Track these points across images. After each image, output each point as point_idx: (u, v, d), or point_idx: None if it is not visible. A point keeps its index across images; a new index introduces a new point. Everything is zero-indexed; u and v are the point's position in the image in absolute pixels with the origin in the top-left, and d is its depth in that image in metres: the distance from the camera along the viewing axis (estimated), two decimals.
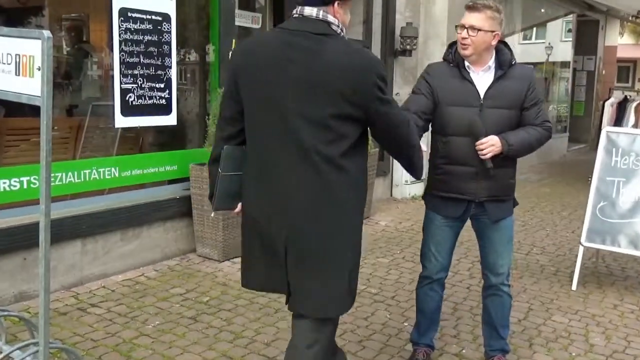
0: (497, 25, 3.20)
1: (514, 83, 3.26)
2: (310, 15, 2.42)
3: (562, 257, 6.00)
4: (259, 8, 7.26)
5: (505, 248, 3.40)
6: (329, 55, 2.36)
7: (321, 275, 2.45)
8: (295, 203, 2.42)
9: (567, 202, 8.77)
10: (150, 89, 4.96)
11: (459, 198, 3.31)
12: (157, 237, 5.18)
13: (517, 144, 3.21)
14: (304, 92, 2.37)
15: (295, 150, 2.39)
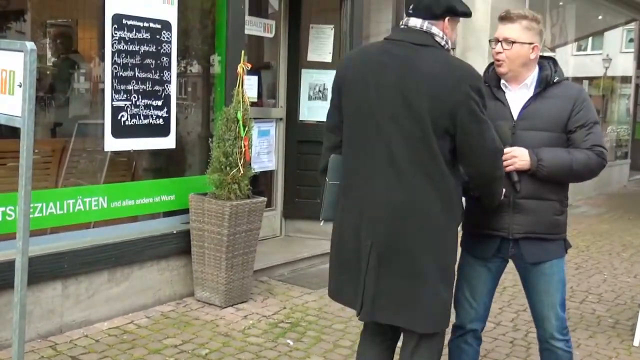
0: (536, 37, 3.23)
1: (555, 103, 3.25)
2: (414, 26, 2.87)
3: (622, 307, 5.93)
4: (273, 14, 7.33)
5: (552, 297, 3.35)
6: (423, 63, 2.79)
7: (405, 285, 2.86)
8: (379, 213, 2.86)
9: (628, 242, 8.68)
10: (145, 106, 5.01)
11: (491, 234, 3.31)
12: (149, 278, 5.18)
13: (550, 161, 3.18)
14: (396, 101, 2.80)
15: (385, 160, 2.83)
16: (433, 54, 2.83)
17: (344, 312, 5.34)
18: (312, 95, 7.21)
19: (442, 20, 2.89)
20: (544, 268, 3.32)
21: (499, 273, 3.45)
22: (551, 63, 3.34)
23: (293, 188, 7.30)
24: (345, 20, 6.98)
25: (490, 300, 3.48)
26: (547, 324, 3.38)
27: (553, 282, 3.34)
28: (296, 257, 6.57)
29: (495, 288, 3.48)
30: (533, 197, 3.23)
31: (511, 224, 3.25)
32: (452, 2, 2.92)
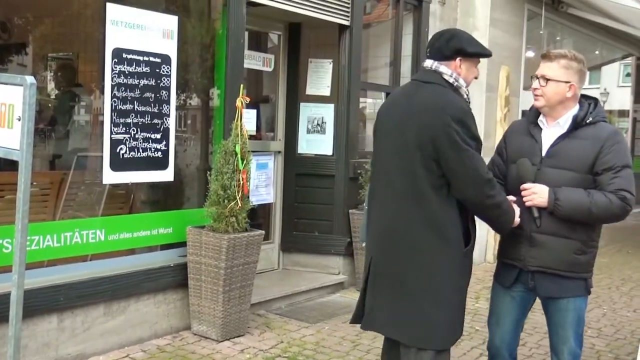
0: (574, 76, 3.33)
1: (583, 143, 3.29)
2: (426, 66, 3.28)
3: (622, 342, 5.88)
4: (272, 48, 7.40)
5: (566, 332, 3.41)
6: (419, 98, 3.18)
7: (394, 301, 3.23)
8: (379, 235, 3.31)
9: (627, 275, 8.64)
10: (144, 139, 5.03)
11: (511, 264, 3.44)
12: (146, 312, 5.15)
13: (567, 201, 3.23)
14: (395, 132, 3.21)
15: (384, 187, 3.27)
16: (432, 90, 3.19)
17: (341, 346, 5.31)
18: (311, 129, 7.24)
19: (453, 60, 3.23)
20: (561, 303, 3.38)
21: (525, 303, 3.54)
22: (592, 103, 3.40)
23: (291, 221, 7.30)
24: (343, 54, 7.04)
25: (517, 329, 3.58)
26: (560, 356, 3.46)
27: (569, 318, 3.39)
28: (294, 290, 6.54)
29: (523, 318, 3.60)
30: (551, 234, 3.30)
31: (526, 256, 3.36)
32: (462, 44, 3.24)
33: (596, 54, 13.70)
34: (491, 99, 8.77)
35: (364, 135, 7.92)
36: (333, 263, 7.15)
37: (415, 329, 3.21)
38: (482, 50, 3.32)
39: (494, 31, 8.79)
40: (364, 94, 7.77)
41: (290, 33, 7.27)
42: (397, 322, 3.26)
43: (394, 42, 7.91)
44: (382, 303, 3.30)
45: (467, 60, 3.26)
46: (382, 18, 8.45)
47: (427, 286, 3.18)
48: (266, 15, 6.77)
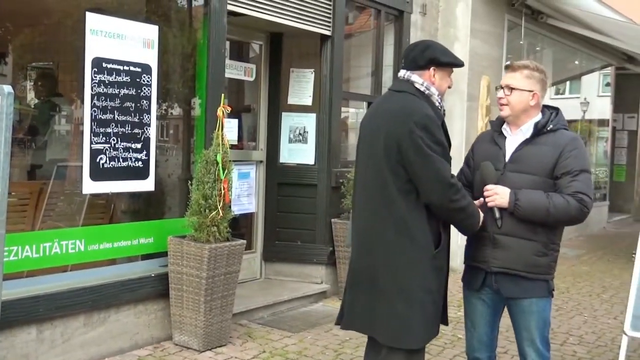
0: (536, 85, 3.49)
1: (544, 149, 3.44)
2: (400, 76, 3.42)
3: (602, 349, 5.90)
4: (253, 58, 7.39)
5: (531, 334, 3.50)
6: (389, 105, 3.34)
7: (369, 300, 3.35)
8: (357, 238, 3.45)
9: (608, 283, 8.69)
10: (125, 149, 5.00)
11: (476, 267, 3.53)
12: (126, 322, 5.11)
13: (526, 203, 3.35)
14: (370, 141, 3.35)
15: (360, 191, 3.44)
16: (401, 98, 3.33)
17: (324, 355, 5.29)
18: (293, 138, 7.24)
19: (427, 70, 3.34)
20: (524, 305, 3.48)
21: (497, 305, 3.60)
22: (553, 112, 3.55)
23: (273, 230, 7.28)
24: (325, 64, 7.05)
25: (493, 331, 3.66)
26: (527, 356, 3.53)
27: (533, 320, 3.48)
28: (276, 300, 6.51)
29: (497, 319, 3.66)
30: (513, 235, 3.41)
31: (490, 257, 3.46)
32: (435, 54, 3.36)
33: (576, 64, 13.83)
34: (472, 108, 8.80)
35: (346, 144, 7.93)
36: (315, 272, 7.13)
37: (387, 328, 3.30)
38: (455, 60, 3.45)
39: (474, 41, 8.85)
40: (345, 103, 7.78)
41: (271, 43, 7.28)
42: (372, 321, 3.35)
43: (376, 52, 7.94)
44: (359, 303, 3.40)
45: (441, 70, 3.37)
46: (364, 28, 8.48)
47: (398, 287, 3.26)
48: (247, 25, 6.77)
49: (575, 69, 14.23)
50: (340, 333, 5.64)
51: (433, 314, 3.35)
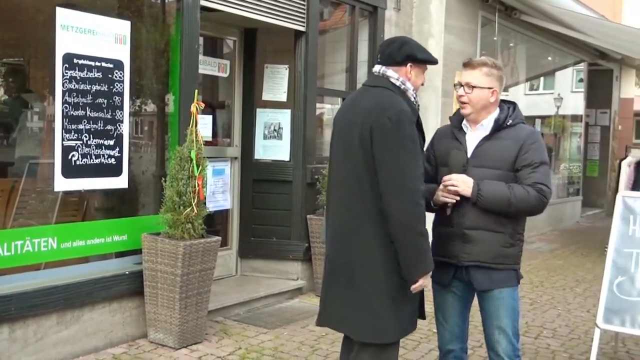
0: (495, 82, 3.52)
1: (504, 143, 3.51)
2: (375, 71, 3.42)
3: (576, 341, 5.97)
4: (227, 54, 7.36)
5: (502, 322, 3.54)
6: (364, 100, 3.33)
7: (344, 296, 3.34)
8: (332, 234, 3.43)
9: (581, 276, 8.77)
10: (97, 146, 4.96)
11: (446, 262, 3.55)
12: (101, 320, 5.07)
13: (489, 194, 3.41)
14: (342, 134, 3.37)
15: (334, 186, 3.44)
16: (376, 93, 3.32)
17: (300, 351, 5.29)
18: (267, 134, 7.22)
19: (404, 66, 3.35)
20: (494, 294, 3.53)
21: (466, 296, 3.66)
22: (511, 107, 3.61)
23: (249, 227, 7.26)
24: (299, 60, 7.04)
25: (464, 322, 3.70)
26: (498, 347, 3.56)
27: (503, 308, 3.53)
28: (252, 296, 6.49)
29: (467, 311, 3.70)
30: (479, 228, 3.47)
31: (460, 252, 3.50)
32: (413, 51, 3.38)
33: (549, 60, 13.93)
34: (447, 104, 8.85)
35: (321, 140, 7.92)
36: (291, 268, 7.13)
37: (360, 323, 3.30)
38: (431, 58, 3.48)
39: (448, 37, 8.88)
40: (320, 99, 7.76)
41: (245, 39, 7.25)
42: (345, 317, 3.35)
43: (350, 48, 7.93)
44: (333, 299, 3.41)
45: (417, 67, 3.39)
46: (338, 24, 8.48)
47: (373, 283, 3.26)
48: (221, 21, 6.74)
49: (549, 65, 14.33)
50: (316, 329, 5.64)
51: (408, 310, 3.35)
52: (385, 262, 3.24)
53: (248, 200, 7.25)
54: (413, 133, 3.22)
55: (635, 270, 5.04)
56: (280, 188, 7.10)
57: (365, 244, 3.26)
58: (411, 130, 3.21)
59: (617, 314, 5.00)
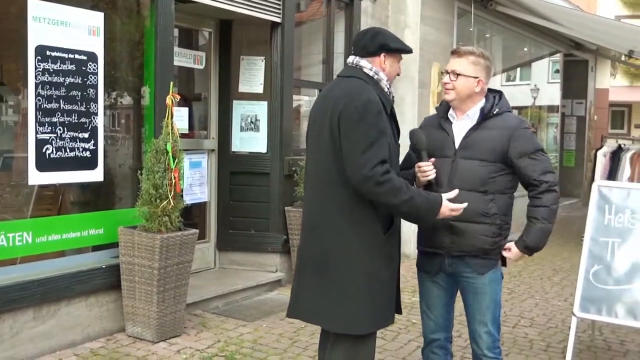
0: (481, 72, 3.52)
1: (493, 133, 3.48)
2: (349, 62, 3.43)
3: (553, 330, 6.02)
4: (203, 46, 7.32)
5: (483, 315, 3.56)
6: (336, 90, 3.33)
7: (317, 287, 3.33)
8: (305, 225, 3.45)
9: (558, 266, 8.85)
10: (72, 139, 4.92)
11: (433, 252, 3.56)
12: (78, 315, 5.04)
13: (537, 243, 3.52)
14: (317, 127, 3.34)
15: (308, 175, 3.46)
16: (348, 83, 3.33)
17: (279, 343, 5.29)
18: (244, 127, 7.20)
19: (377, 56, 3.36)
20: (477, 287, 3.54)
21: (451, 287, 3.67)
22: (497, 96, 3.59)
23: (227, 219, 7.24)
24: (276, 52, 7.02)
25: (449, 312, 3.72)
26: (478, 339, 3.59)
27: (485, 301, 3.55)
28: (230, 289, 6.48)
29: (452, 301, 3.71)
30: (467, 220, 3.44)
31: (448, 243, 3.49)
32: (386, 41, 3.38)
33: (525, 51, 14.01)
34: (423, 95, 8.88)
35: (299, 132, 7.91)
36: (270, 261, 7.12)
37: (333, 314, 3.30)
38: (404, 47, 3.48)
39: (424, 28, 8.90)
40: (297, 91, 7.76)
41: (221, 30, 7.21)
42: (318, 308, 3.35)
43: (326, 40, 7.93)
44: (306, 290, 3.40)
45: (391, 56, 3.40)
46: (315, 16, 8.47)
47: (346, 274, 3.26)
48: (196, 12, 6.70)
49: (525, 56, 14.41)
50: (295, 321, 5.61)
51: (383, 300, 3.35)
52: (358, 253, 3.25)
53: (226, 193, 7.23)
54: (380, 123, 3.19)
55: (611, 259, 5.09)
56: (258, 180, 7.09)
57: (338, 235, 3.26)
58: (378, 119, 3.18)
59: (594, 302, 5.05)
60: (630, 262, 5.03)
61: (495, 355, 3.57)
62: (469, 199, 3.40)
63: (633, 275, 4.99)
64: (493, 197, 3.45)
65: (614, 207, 5.18)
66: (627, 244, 5.07)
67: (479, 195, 3.44)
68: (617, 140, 11.04)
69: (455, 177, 3.46)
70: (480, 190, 3.44)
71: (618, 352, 5.49)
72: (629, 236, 5.08)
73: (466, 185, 3.43)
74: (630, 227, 5.10)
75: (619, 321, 5.02)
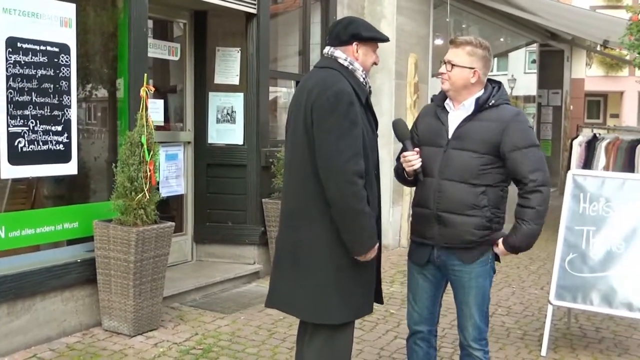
0: (478, 62, 3.47)
1: (486, 125, 3.43)
2: (325, 53, 3.43)
3: (530, 318, 6.07)
4: (178, 37, 7.27)
5: (470, 309, 3.56)
6: (310, 81, 3.32)
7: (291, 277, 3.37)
8: (282, 216, 3.47)
9: (535, 255, 8.91)
10: (44, 132, 4.86)
11: (422, 243, 3.56)
12: (53, 310, 4.99)
13: (524, 244, 3.46)
14: (292, 118, 3.35)
15: (289, 164, 3.41)
16: (322, 74, 3.33)
17: (257, 335, 5.29)
18: (220, 118, 7.16)
19: (350, 45, 3.34)
20: (464, 280, 3.54)
21: (439, 281, 3.65)
22: (495, 87, 3.54)
23: (204, 212, 7.21)
24: (251, 43, 6.98)
25: (434, 306, 3.69)
26: (465, 332, 3.59)
27: (472, 294, 3.54)
28: (208, 281, 6.46)
29: (439, 295, 3.70)
30: (454, 212, 3.42)
31: (437, 234, 3.48)
32: (358, 29, 3.35)
33: (501, 41, 14.07)
34: (400, 86, 8.88)
35: (275, 124, 7.90)
36: (248, 253, 7.11)
37: (306, 304, 3.32)
38: (378, 35, 3.44)
39: (401, 19, 8.89)
40: (274, 82, 7.73)
41: (196, 21, 7.15)
42: (292, 298, 3.36)
43: (303, 31, 7.90)
44: (282, 280, 3.42)
45: (364, 45, 3.38)
46: (291, 7, 8.43)
47: (319, 264, 3.28)
48: (170, 3, 6.65)
49: (501, 46, 14.48)
50: (273, 312, 5.63)
51: (358, 291, 3.34)
52: (330, 244, 3.26)
53: (202, 185, 7.20)
54: (352, 113, 3.16)
55: (586, 247, 5.16)
56: (235, 172, 7.06)
57: (311, 225, 3.28)
58: (350, 110, 3.16)
59: (569, 290, 5.11)
60: (604, 250, 5.10)
61: (482, 347, 3.57)
62: (459, 190, 3.39)
63: (608, 263, 5.06)
64: (484, 189, 3.40)
65: (588, 195, 5.23)
66: (602, 232, 5.14)
67: (470, 187, 3.39)
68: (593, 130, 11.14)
69: (445, 167, 3.43)
70: (471, 182, 3.39)
71: (593, 339, 5.55)
72: (603, 224, 5.15)
73: (456, 176, 3.40)
74: (605, 215, 5.16)
75: (594, 308, 5.09)
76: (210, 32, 7.18)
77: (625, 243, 5.05)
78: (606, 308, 5.02)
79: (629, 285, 4.94)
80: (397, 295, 6.52)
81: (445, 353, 5.06)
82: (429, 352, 3.73)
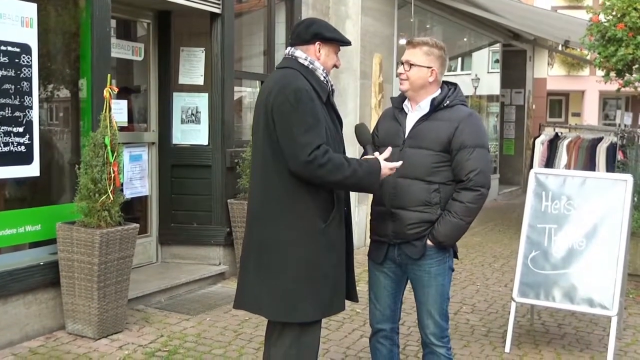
0: (435, 62, 3.55)
1: (440, 124, 3.52)
2: (285, 53, 3.47)
3: (494, 315, 6.14)
4: (142, 37, 7.22)
5: (430, 307, 3.61)
6: (271, 81, 3.38)
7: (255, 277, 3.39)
8: (247, 216, 3.50)
9: (499, 252, 9.03)
10: (5, 133, 4.80)
11: (379, 240, 3.63)
12: (15, 314, 4.94)
13: (448, 238, 3.50)
14: (255, 118, 3.42)
15: (253, 163, 3.46)
16: (280, 73, 3.39)
17: (223, 336, 5.28)
18: (185, 119, 7.12)
19: (312, 44, 3.39)
20: (423, 279, 3.59)
21: (399, 278, 3.70)
22: (451, 88, 3.63)
23: (168, 213, 7.16)
24: (216, 43, 6.96)
25: (396, 303, 3.74)
26: (427, 330, 3.64)
27: (431, 292, 3.59)
28: (173, 283, 6.43)
29: (399, 293, 3.75)
30: (406, 208, 3.50)
31: (390, 231, 3.55)
32: (320, 30, 3.41)
33: (465, 41, 14.22)
34: (365, 86, 8.92)
35: (241, 124, 7.88)
36: (213, 254, 7.08)
37: (272, 302, 3.33)
38: (340, 37, 3.49)
39: (365, 19, 8.93)
40: (238, 82, 7.71)
41: (160, 21, 7.09)
42: (258, 298, 3.38)
43: (268, 31, 7.89)
44: (248, 280, 3.44)
45: (326, 46, 3.43)
46: (255, 7, 8.42)
47: (284, 263, 3.30)
48: (133, 3, 6.59)
49: (465, 46, 14.63)
50: (239, 313, 5.64)
51: (324, 289, 3.36)
52: (294, 242, 3.29)
53: (167, 186, 7.15)
54: (313, 109, 3.22)
55: (549, 244, 5.24)
56: (200, 173, 7.04)
57: (274, 224, 3.31)
58: (310, 106, 3.21)
59: (532, 287, 5.19)
60: (566, 248, 5.18)
61: (444, 344, 3.62)
62: (412, 187, 3.47)
63: (569, 260, 5.15)
64: (437, 187, 3.47)
65: (550, 193, 5.31)
66: (564, 229, 5.22)
67: (423, 184, 3.47)
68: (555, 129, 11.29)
69: (401, 165, 3.46)
70: (425, 179, 3.47)
71: (556, 335, 5.64)
72: (565, 222, 5.23)
73: (411, 173, 3.48)
74: (566, 213, 5.24)
75: (556, 305, 5.17)
76: (174, 32, 7.13)
77: (586, 240, 5.14)
78: (568, 304, 5.11)
79: (589, 282, 5.03)
80: (362, 294, 6.51)
81: (411, 351, 5.10)
82: (392, 349, 3.78)
